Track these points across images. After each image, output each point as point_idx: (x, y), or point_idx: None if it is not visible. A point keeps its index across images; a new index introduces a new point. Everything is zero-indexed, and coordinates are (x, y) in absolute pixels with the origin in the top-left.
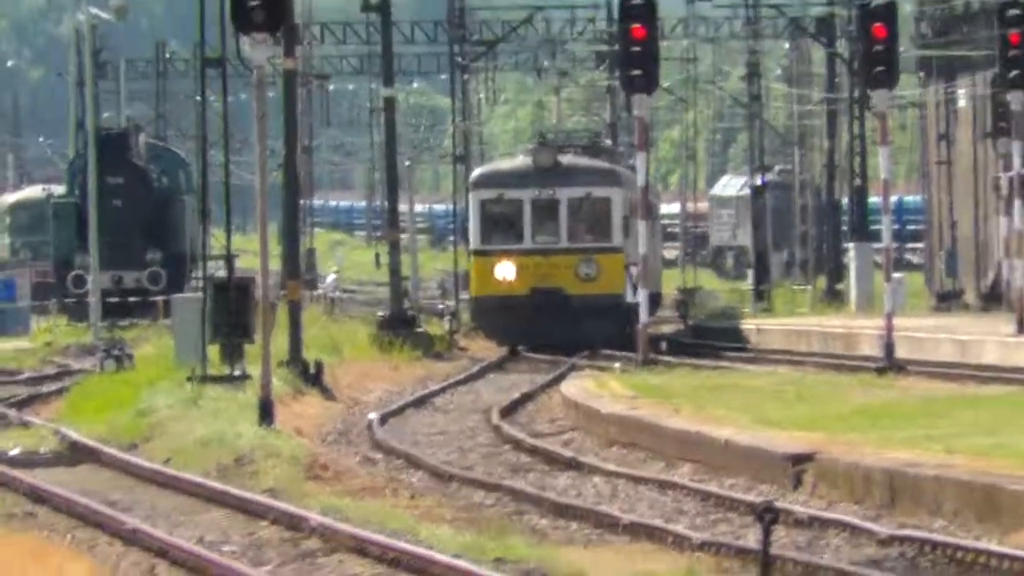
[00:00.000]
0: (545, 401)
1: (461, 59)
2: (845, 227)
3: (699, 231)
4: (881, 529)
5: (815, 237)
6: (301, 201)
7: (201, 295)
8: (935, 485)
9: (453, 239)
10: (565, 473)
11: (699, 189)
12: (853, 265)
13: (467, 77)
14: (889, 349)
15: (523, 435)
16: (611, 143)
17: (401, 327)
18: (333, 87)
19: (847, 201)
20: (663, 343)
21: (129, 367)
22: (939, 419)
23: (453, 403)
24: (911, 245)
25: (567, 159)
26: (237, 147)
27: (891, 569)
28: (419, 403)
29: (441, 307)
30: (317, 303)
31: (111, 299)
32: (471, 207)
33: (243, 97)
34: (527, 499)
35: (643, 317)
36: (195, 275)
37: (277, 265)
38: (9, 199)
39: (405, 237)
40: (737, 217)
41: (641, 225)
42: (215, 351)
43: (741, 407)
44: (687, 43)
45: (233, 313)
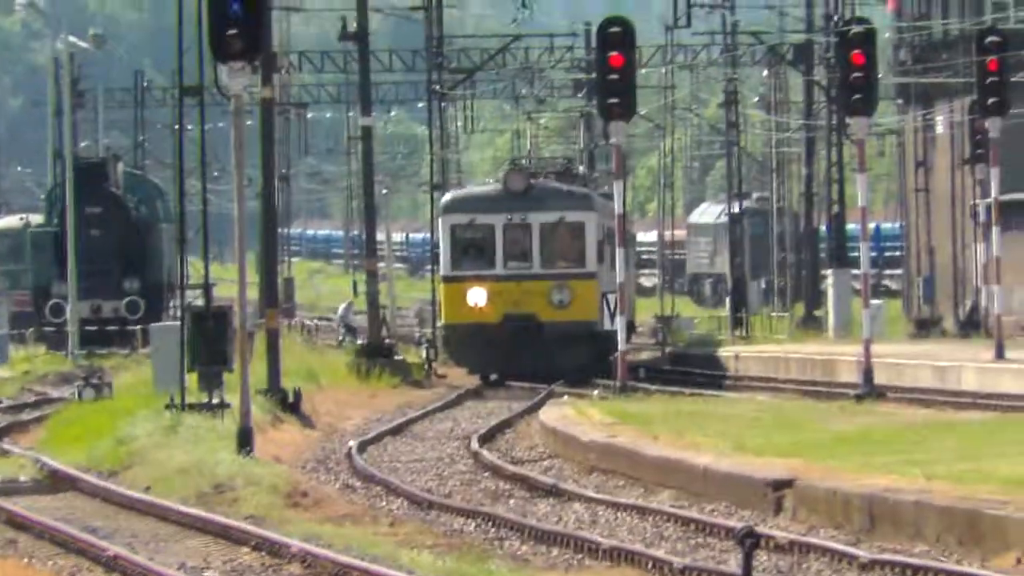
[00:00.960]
0: (524, 428)
1: (439, 87)
2: (823, 254)
3: (677, 258)
4: (862, 553)
5: (793, 264)
6: (279, 230)
7: (179, 324)
8: (915, 510)
9: (431, 267)
10: (545, 500)
11: (677, 216)
12: (831, 292)
13: (445, 105)
14: (868, 375)
15: (502, 462)
16: (584, 169)
17: (379, 355)
18: (311, 116)
19: (825, 228)
20: (641, 370)
21: (108, 396)
22: (918, 445)
23: (432, 430)
24: (889, 272)
25: (540, 183)
26: (215, 176)
27: None
28: (398, 431)
29: (419, 335)
30: (295, 331)
31: (89, 328)
32: (441, 232)
33: (221, 125)
34: (508, 525)
35: (621, 344)
36: (173, 304)
37: (255, 294)
38: None
39: (383, 266)
40: (715, 244)
41: (619, 252)
42: (193, 379)
43: (720, 434)
44: (665, 70)
45: (211, 341)
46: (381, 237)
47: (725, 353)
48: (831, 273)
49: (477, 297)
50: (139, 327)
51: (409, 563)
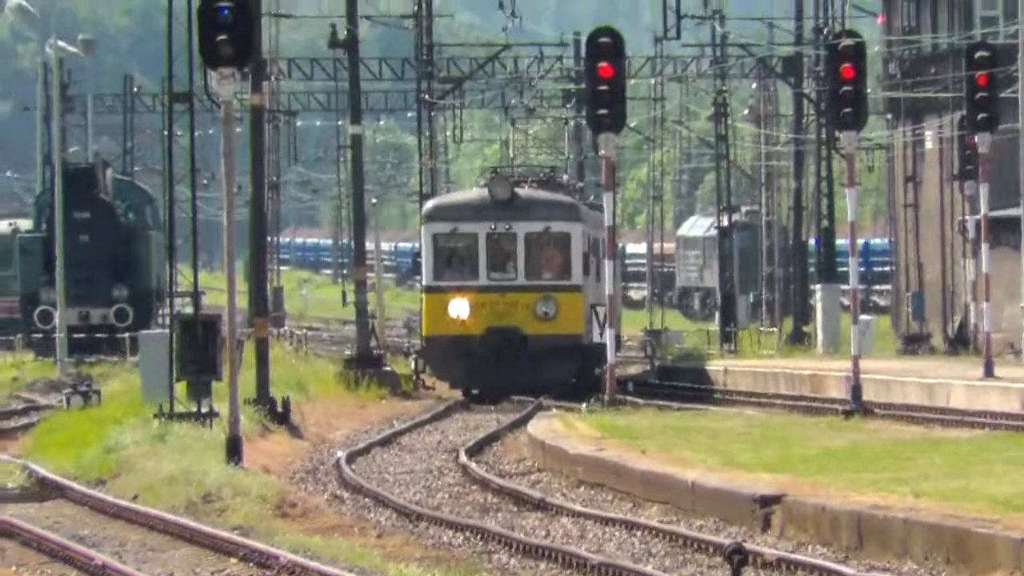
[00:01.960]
0: (512, 441)
1: (428, 96)
2: (812, 268)
3: (666, 272)
4: (850, 571)
5: (782, 278)
6: (268, 238)
7: (168, 332)
8: (903, 528)
9: (419, 277)
10: (533, 513)
11: (666, 229)
12: (820, 307)
13: (434, 114)
14: (856, 392)
15: (490, 475)
16: (568, 177)
17: (368, 365)
18: (300, 123)
19: (814, 242)
20: (630, 384)
21: (96, 403)
22: (906, 462)
23: (420, 442)
24: (878, 287)
25: (525, 192)
26: (204, 183)
27: None
28: (386, 442)
29: (407, 346)
30: (284, 340)
31: (78, 335)
32: (423, 241)
33: (211, 132)
34: (495, 538)
35: (611, 357)
36: (162, 312)
37: (244, 302)
38: None
39: (372, 275)
40: (704, 258)
41: (608, 265)
42: (182, 388)
43: (708, 449)
44: (654, 82)
45: (200, 350)
46: (370, 246)
47: (714, 367)
48: (820, 288)
49: (459, 309)
50: (128, 335)
51: (396, 575)
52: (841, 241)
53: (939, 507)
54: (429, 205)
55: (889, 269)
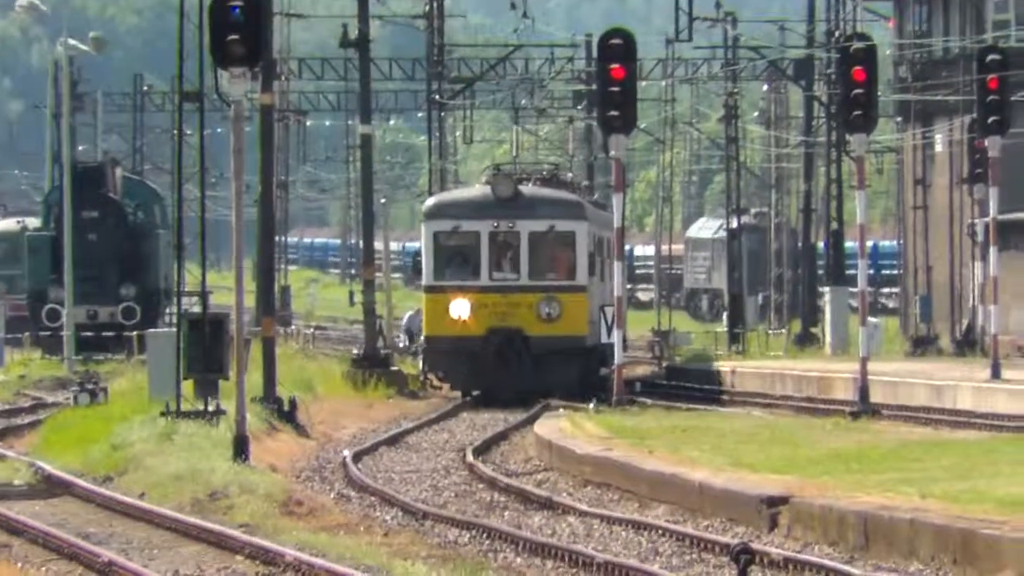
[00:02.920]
0: (519, 441)
1: (439, 97)
2: (821, 271)
3: (674, 273)
4: (857, 572)
5: (790, 280)
6: (276, 238)
7: (176, 330)
8: (910, 529)
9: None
10: (540, 512)
11: (675, 231)
12: (828, 309)
13: (444, 115)
14: (864, 393)
15: (497, 474)
16: (572, 175)
17: (375, 365)
18: (310, 123)
19: (823, 245)
20: (637, 384)
21: (103, 401)
22: (913, 463)
23: (427, 441)
24: (886, 289)
25: (529, 190)
26: (213, 182)
27: None
28: (393, 441)
29: (414, 346)
30: (292, 340)
31: (85, 333)
32: (424, 239)
33: (220, 131)
34: (502, 537)
35: (618, 358)
36: (169, 310)
37: (252, 302)
38: None
39: (380, 275)
40: (712, 259)
41: (617, 266)
42: (189, 386)
43: (715, 449)
44: (665, 84)
45: (208, 349)
46: (378, 246)
47: (722, 368)
48: (828, 290)
49: (460, 309)
50: (135, 333)
51: (403, 574)
52: (850, 243)
53: (946, 508)
54: (430, 202)
55: (898, 271)
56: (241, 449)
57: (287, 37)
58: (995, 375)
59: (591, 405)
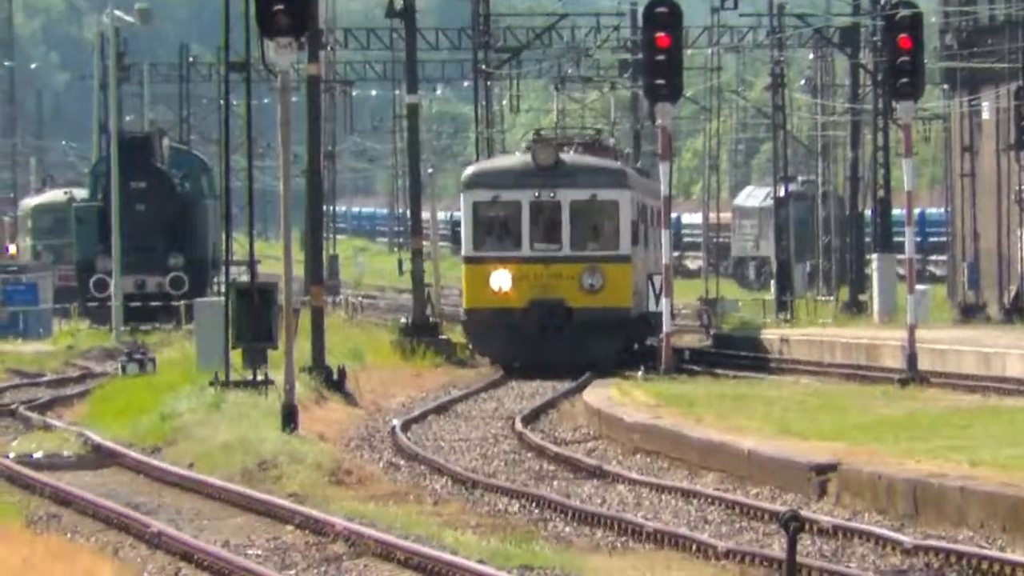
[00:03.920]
0: (568, 409)
1: (485, 66)
2: (868, 238)
3: (722, 241)
4: (906, 539)
5: (838, 248)
6: (324, 207)
7: (224, 300)
8: (960, 496)
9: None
10: (589, 481)
11: (722, 199)
12: (876, 276)
13: (490, 84)
14: (912, 360)
15: (546, 442)
16: (615, 141)
17: (423, 334)
18: (356, 93)
19: (870, 212)
20: (686, 352)
21: (151, 371)
22: (962, 431)
23: (476, 410)
24: (934, 257)
25: (570, 157)
26: (260, 152)
27: None
28: (441, 409)
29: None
30: (340, 309)
31: (133, 303)
32: (463, 209)
33: (266, 102)
34: (551, 506)
35: (667, 326)
36: (217, 280)
37: (300, 271)
38: (32, 202)
39: (427, 244)
40: (760, 227)
41: (664, 234)
42: (237, 356)
43: (764, 417)
44: (711, 52)
45: (256, 318)
46: (426, 216)
47: (769, 336)
48: (876, 258)
49: (501, 280)
50: (183, 303)
51: (453, 543)
52: (897, 211)
53: (996, 475)
54: (469, 171)
55: (945, 239)
56: (290, 418)
57: (333, 7)
58: None
59: (639, 373)
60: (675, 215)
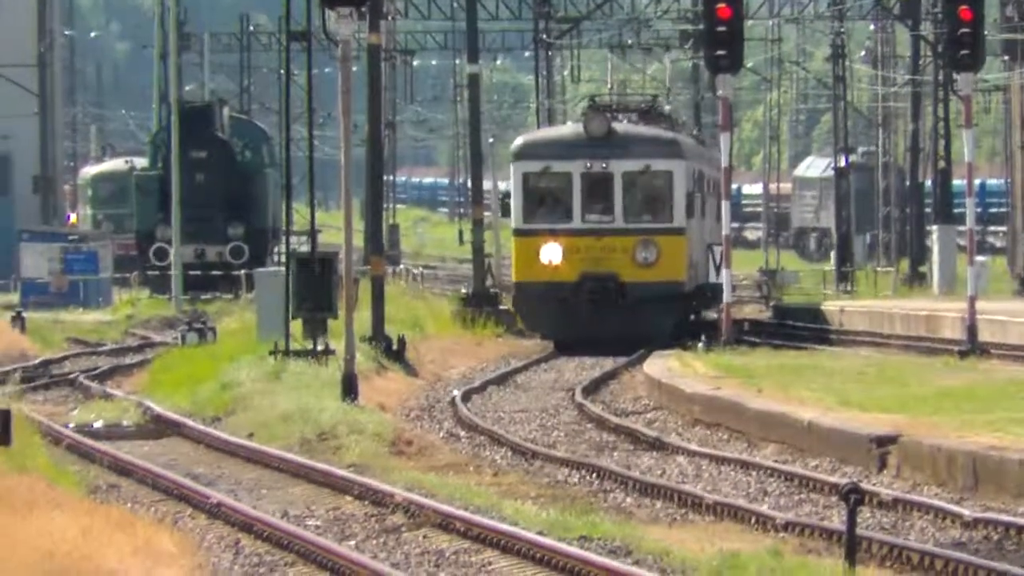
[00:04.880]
0: (628, 380)
1: (545, 36)
2: (928, 209)
3: (782, 212)
4: (966, 512)
5: (898, 219)
6: (384, 177)
7: (284, 270)
8: (1020, 469)
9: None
10: (649, 452)
11: (782, 170)
12: (936, 248)
13: (551, 54)
14: (972, 332)
15: (606, 413)
16: (670, 108)
17: (484, 304)
18: (417, 63)
19: (930, 184)
20: (745, 323)
21: (211, 341)
22: (1022, 403)
23: (535, 380)
24: (994, 228)
25: (622, 127)
26: (320, 122)
27: (977, 552)
28: (501, 380)
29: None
30: (400, 279)
31: (193, 272)
32: (513, 180)
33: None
34: (611, 477)
35: (727, 297)
36: (277, 250)
37: (360, 241)
38: (92, 171)
39: (488, 214)
40: (820, 199)
41: (724, 205)
42: (297, 326)
43: (824, 388)
44: (772, 23)
45: (316, 288)
46: (487, 185)
47: (830, 307)
48: (936, 229)
49: (551, 254)
50: (243, 272)
51: (512, 514)
52: (957, 182)
53: None
54: (519, 142)
55: (1006, 210)
56: (350, 388)
57: None
58: None
59: (700, 344)
60: (735, 186)
